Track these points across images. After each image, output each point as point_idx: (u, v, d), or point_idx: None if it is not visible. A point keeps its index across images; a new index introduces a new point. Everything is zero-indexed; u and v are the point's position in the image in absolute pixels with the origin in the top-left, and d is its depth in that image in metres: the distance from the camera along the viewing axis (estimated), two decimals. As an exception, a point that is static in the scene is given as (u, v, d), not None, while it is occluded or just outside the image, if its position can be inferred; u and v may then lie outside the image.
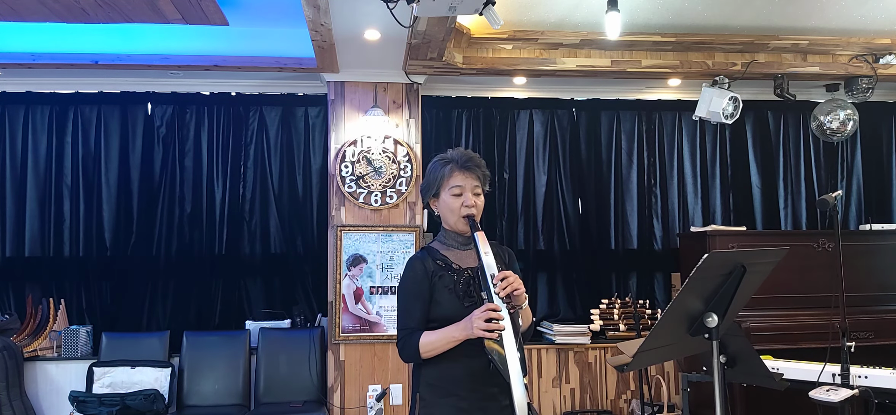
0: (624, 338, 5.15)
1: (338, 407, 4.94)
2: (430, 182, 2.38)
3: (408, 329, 2.31)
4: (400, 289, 2.38)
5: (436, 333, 2.26)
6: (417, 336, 2.27)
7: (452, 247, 2.39)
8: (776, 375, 3.36)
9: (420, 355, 2.27)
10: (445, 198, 2.35)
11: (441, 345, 2.24)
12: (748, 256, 2.12)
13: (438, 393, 2.28)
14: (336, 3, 3.77)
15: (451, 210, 2.34)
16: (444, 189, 2.35)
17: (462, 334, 2.19)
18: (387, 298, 5.00)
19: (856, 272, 4.89)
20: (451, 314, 2.26)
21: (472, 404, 2.25)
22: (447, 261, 2.35)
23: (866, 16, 4.51)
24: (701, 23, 4.60)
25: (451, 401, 2.26)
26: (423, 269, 2.32)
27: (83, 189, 5.22)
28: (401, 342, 2.33)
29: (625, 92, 5.70)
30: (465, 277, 2.32)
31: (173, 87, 5.28)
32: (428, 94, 5.42)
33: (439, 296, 2.30)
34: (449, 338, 2.22)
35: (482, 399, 2.26)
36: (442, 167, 2.36)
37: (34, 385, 4.86)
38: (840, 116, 5.18)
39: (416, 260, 2.36)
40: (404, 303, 2.34)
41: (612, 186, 5.70)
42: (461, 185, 2.33)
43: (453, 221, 2.36)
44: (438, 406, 2.27)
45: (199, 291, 5.26)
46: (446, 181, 2.34)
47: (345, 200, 5.05)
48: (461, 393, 2.25)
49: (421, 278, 2.31)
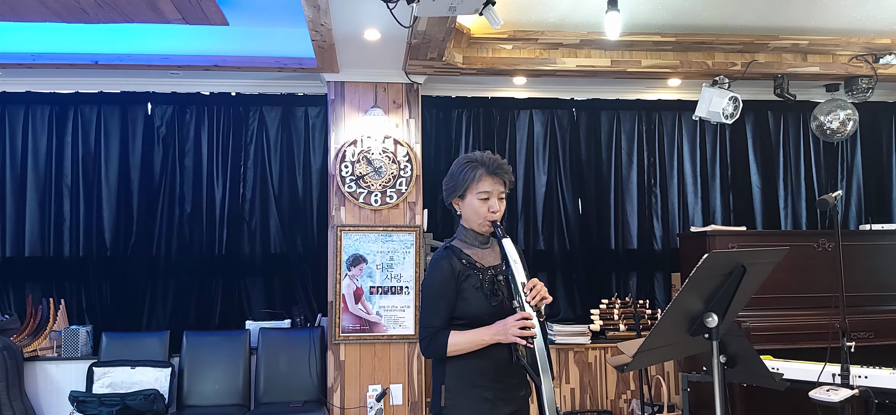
0: (624, 338, 5.15)
1: (338, 407, 4.93)
2: (458, 183, 2.42)
3: (433, 327, 2.38)
4: (426, 287, 2.43)
5: (465, 334, 2.34)
6: (445, 335, 2.35)
7: (473, 246, 2.45)
8: (776, 375, 3.36)
9: (447, 355, 2.35)
10: (472, 200, 2.40)
11: (470, 347, 2.34)
12: (748, 256, 2.13)
13: (465, 384, 2.36)
14: (336, 3, 3.77)
15: (477, 213, 2.40)
16: (472, 192, 2.39)
17: (493, 338, 2.30)
18: (387, 298, 5.00)
19: (856, 272, 4.88)
20: (478, 312, 2.36)
21: (496, 395, 2.36)
22: (471, 260, 2.41)
23: (866, 16, 4.51)
24: (701, 23, 4.60)
25: (477, 392, 2.35)
26: (451, 268, 2.38)
27: (83, 189, 5.22)
28: (426, 340, 2.39)
29: (625, 92, 5.70)
30: (490, 276, 2.40)
31: (173, 87, 5.28)
32: (428, 94, 5.42)
33: (467, 295, 2.37)
34: (478, 341, 2.33)
35: (505, 390, 2.38)
36: (472, 170, 2.39)
37: (34, 385, 4.86)
38: (840, 116, 5.18)
39: (443, 259, 2.41)
40: (430, 301, 2.40)
41: (612, 186, 5.70)
42: (489, 191, 2.38)
43: (477, 223, 2.42)
44: (464, 397, 2.36)
45: (199, 292, 5.26)
46: (474, 185, 2.38)
47: (345, 200, 5.05)
48: (486, 384, 2.36)
49: (447, 277, 2.37)
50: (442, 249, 2.46)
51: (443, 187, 2.51)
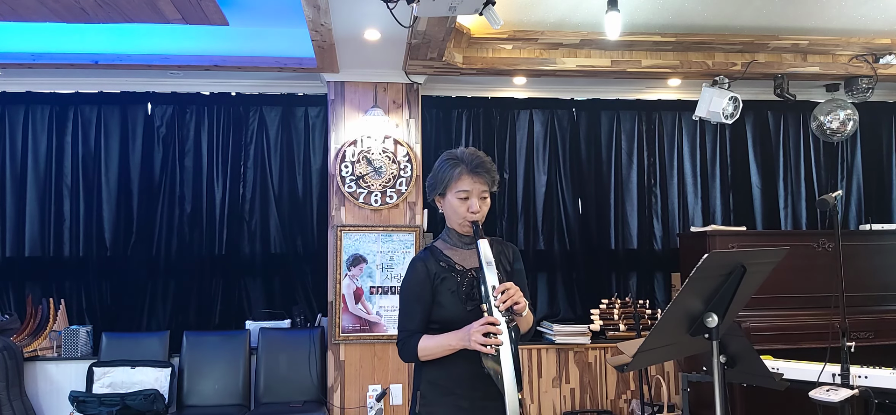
0: (624, 338, 5.15)
1: (338, 407, 4.93)
2: (438, 180, 2.34)
3: (407, 331, 2.31)
4: (401, 290, 2.36)
5: (434, 338, 2.25)
6: (416, 339, 2.27)
7: (456, 246, 2.37)
8: (776, 375, 3.36)
9: (419, 358, 2.28)
10: (451, 199, 2.31)
11: (438, 351, 2.25)
12: (748, 256, 2.12)
13: (439, 391, 2.28)
14: (336, 3, 3.77)
15: (456, 212, 2.31)
16: (451, 191, 2.30)
17: (459, 343, 2.19)
18: (387, 298, 5.00)
19: (856, 272, 4.88)
20: (453, 317, 2.26)
21: (472, 404, 2.26)
22: (450, 262, 2.33)
23: (866, 16, 4.51)
24: (701, 23, 4.60)
25: (452, 399, 2.26)
26: (426, 270, 2.31)
27: (83, 189, 5.22)
28: (400, 343, 2.33)
29: (625, 92, 5.70)
30: (469, 279, 2.31)
31: (173, 87, 5.28)
32: (428, 94, 5.42)
33: (442, 298, 2.29)
34: (445, 346, 2.23)
35: (482, 399, 2.25)
36: (451, 168, 2.30)
37: (34, 385, 4.86)
38: (840, 116, 5.18)
39: (419, 261, 2.34)
40: (405, 304, 2.34)
41: (612, 186, 5.70)
42: (468, 190, 2.28)
43: (457, 223, 2.34)
44: (439, 404, 2.28)
45: (199, 291, 5.26)
46: (454, 183, 2.29)
47: (345, 200, 5.05)
48: (461, 392, 2.26)
49: (422, 280, 2.30)
50: (422, 251, 2.39)
51: (425, 185, 2.43)
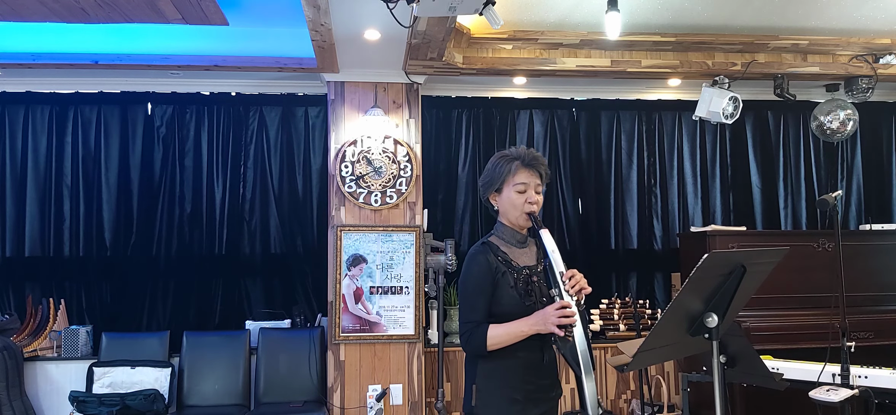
0: (624, 338, 5.15)
1: (338, 407, 4.93)
2: (494, 177, 2.43)
3: (473, 322, 2.35)
4: (463, 282, 2.41)
5: (503, 326, 2.31)
6: (484, 329, 2.32)
7: (510, 244, 2.45)
8: (776, 375, 3.36)
9: (487, 348, 2.32)
10: (509, 193, 2.41)
11: (509, 339, 2.30)
12: (748, 256, 2.12)
13: (495, 384, 2.34)
14: (336, 3, 3.77)
15: (514, 205, 2.40)
16: (508, 185, 2.40)
17: (531, 328, 2.27)
18: (387, 298, 5.00)
19: (856, 272, 4.89)
20: (512, 312, 2.33)
21: (526, 397, 2.33)
22: (507, 258, 2.41)
23: (866, 16, 4.51)
24: (701, 23, 4.60)
25: (507, 392, 2.33)
26: (487, 264, 2.37)
27: (83, 189, 5.22)
28: (466, 335, 2.36)
29: (625, 92, 5.70)
30: (524, 276, 2.39)
31: (173, 87, 5.28)
32: (428, 94, 5.42)
33: (501, 294, 2.35)
34: (517, 332, 2.29)
35: (535, 391, 2.35)
36: (507, 164, 2.41)
37: (34, 385, 4.86)
38: (840, 116, 5.18)
39: (480, 254, 2.39)
40: (469, 298, 2.38)
41: (612, 186, 5.70)
42: (526, 182, 2.40)
43: (515, 216, 2.42)
44: (494, 397, 2.34)
45: (199, 292, 5.26)
46: (511, 178, 2.40)
47: (345, 200, 5.05)
48: (516, 384, 2.33)
49: (485, 272, 2.36)
50: (478, 245, 2.44)
51: (479, 186, 2.53)
